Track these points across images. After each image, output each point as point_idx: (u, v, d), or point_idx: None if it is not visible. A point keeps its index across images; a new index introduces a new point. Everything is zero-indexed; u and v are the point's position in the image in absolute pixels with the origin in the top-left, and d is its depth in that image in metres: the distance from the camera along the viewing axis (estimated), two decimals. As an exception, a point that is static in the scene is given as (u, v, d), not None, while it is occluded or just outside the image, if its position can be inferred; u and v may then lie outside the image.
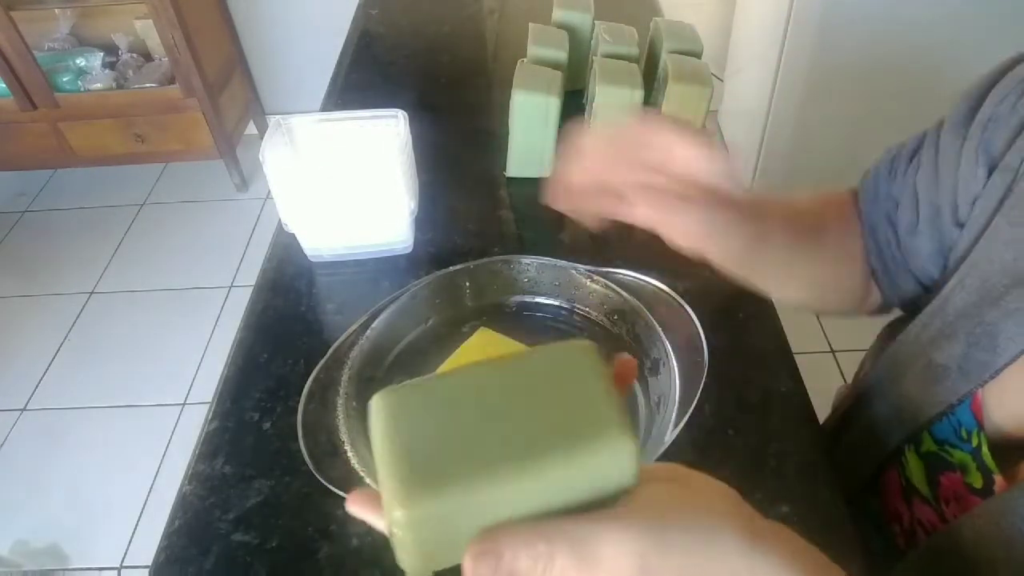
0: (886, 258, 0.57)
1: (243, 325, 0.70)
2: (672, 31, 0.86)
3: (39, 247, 2.28)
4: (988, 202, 0.47)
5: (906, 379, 0.51)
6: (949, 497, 0.48)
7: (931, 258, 0.53)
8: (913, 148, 0.55)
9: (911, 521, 0.53)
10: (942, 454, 0.48)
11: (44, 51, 2.17)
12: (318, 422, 0.53)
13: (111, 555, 1.53)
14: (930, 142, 0.53)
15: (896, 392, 0.52)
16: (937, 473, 0.49)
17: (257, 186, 2.41)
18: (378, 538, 0.52)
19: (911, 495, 0.52)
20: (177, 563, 0.53)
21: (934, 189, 0.52)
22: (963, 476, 0.46)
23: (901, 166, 0.56)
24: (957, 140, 0.50)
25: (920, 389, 0.49)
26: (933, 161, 0.52)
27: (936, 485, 0.49)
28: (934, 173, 0.52)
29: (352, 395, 0.54)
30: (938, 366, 0.47)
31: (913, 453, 0.51)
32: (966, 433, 0.46)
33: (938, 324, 0.49)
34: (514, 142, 0.83)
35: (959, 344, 0.46)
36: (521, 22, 0.95)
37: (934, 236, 0.52)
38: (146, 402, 1.81)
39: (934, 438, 0.49)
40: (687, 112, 0.80)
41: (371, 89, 1.05)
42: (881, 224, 0.56)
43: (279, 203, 0.72)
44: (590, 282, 0.62)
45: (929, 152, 0.53)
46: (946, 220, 0.51)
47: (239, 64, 2.39)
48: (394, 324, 0.60)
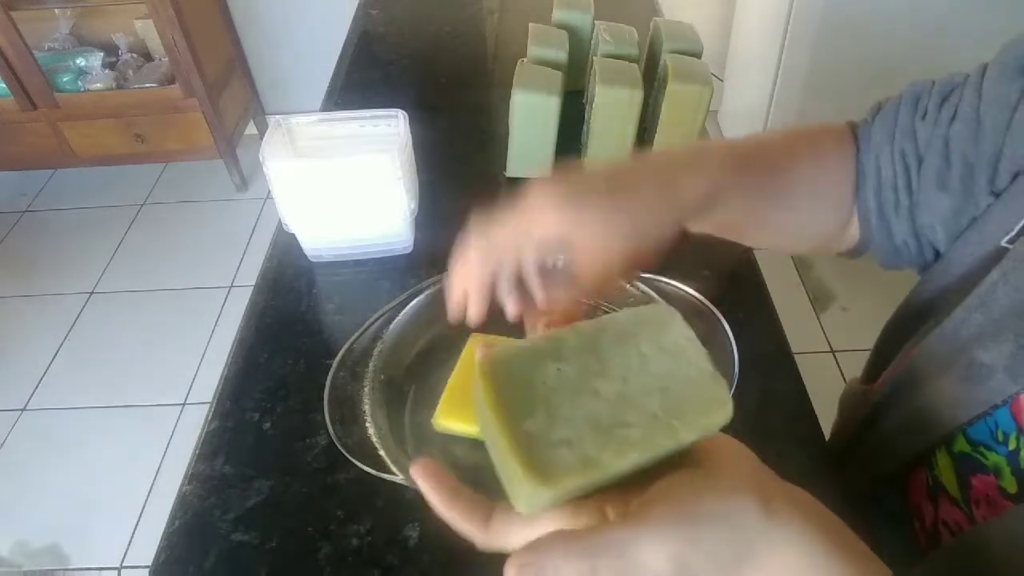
0: (883, 200, 0.52)
1: (243, 325, 0.70)
2: (672, 31, 0.86)
3: (39, 247, 2.28)
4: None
5: (943, 376, 0.48)
6: (980, 499, 0.46)
7: (944, 217, 0.49)
8: (945, 91, 0.50)
9: (935, 520, 0.51)
10: (976, 456, 0.46)
11: (44, 51, 2.17)
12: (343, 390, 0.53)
13: (111, 555, 1.53)
14: (971, 91, 0.48)
15: (931, 390, 0.49)
16: (969, 475, 0.47)
17: (257, 186, 2.41)
18: (378, 538, 0.53)
19: (938, 494, 0.50)
20: (177, 563, 0.53)
21: (971, 145, 0.47)
22: (997, 480, 0.44)
23: (930, 108, 0.50)
24: (1008, 97, 0.45)
25: (959, 389, 0.46)
26: (974, 114, 0.47)
27: (967, 487, 0.47)
28: (975, 127, 0.47)
29: (380, 368, 0.54)
30: (982, 366, 0.44)
31: (944, 452, 0.49)
32: (1003, 436, 0.44)
33: (980, 320, 0.45)
34: (514, 142, 0.83)
35: (1008, 344, 0.43)
36: (521, 22, 0.95)
37: (961, 196, 0.48)
38: (146, 402, 1.81)
39: (968, 439, 0.46)
40: (687, 112, 0.80)
41: (371, 89, 1.05)
42: (891, 163, 0.51)
43: (279, 203, 0.72)
44: (628, 286, 0.61)
45: (969, 101, 0.48)
46: (980, 184, 0.47)
47: (239, 64, 2.39)
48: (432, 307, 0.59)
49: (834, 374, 1.75)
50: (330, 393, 0.52)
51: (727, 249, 0.76)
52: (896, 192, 0.51)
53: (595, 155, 0.84)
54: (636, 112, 0.79)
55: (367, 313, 0.57)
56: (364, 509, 0.55)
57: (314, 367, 0.65)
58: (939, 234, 0.51)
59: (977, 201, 0.48)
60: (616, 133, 0.81)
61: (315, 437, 0.59)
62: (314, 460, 0.58)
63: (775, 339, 0.67)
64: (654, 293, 0.58)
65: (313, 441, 0.59)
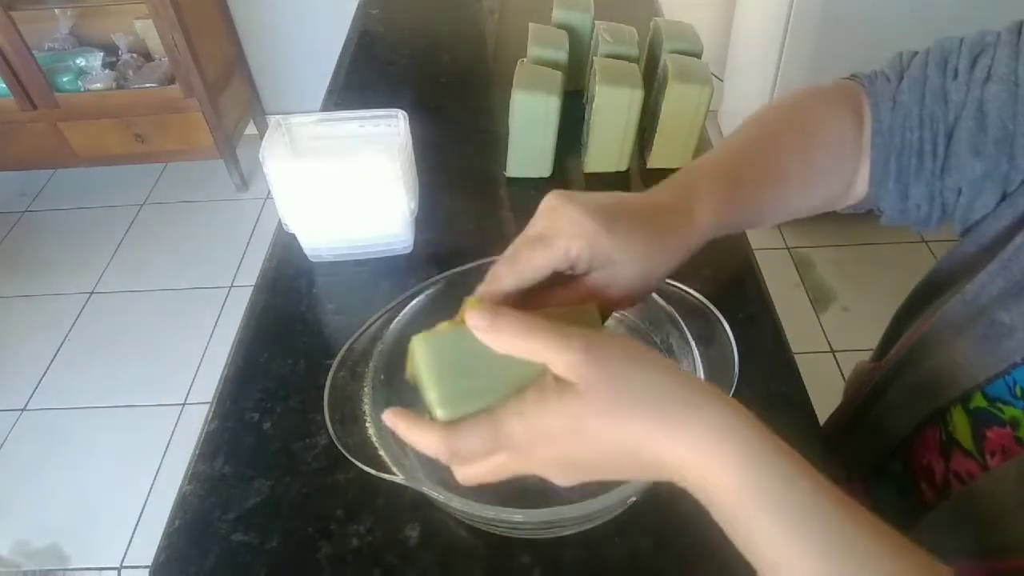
0: (905, 164, 0.51)
1: (243, 325, 0.70)
2: (672, 31, 0.86)
3: (39, 247, 2.28)
4: None
5: (963, 338, 0.48)
6: (995, 450, 0.47)
7: (973, 181, 0.48)
8: (975, 50, 0.49)
9: (945, 473, 0.51)
10: (992, 411, 0.47)
11: (44, 51, 2.17)
12: (343, 390, 0.52)
13: (111, 555, 1.53)
14: (1006, 50, 0.47)
15: (950, 351, 0.49)
16: (984, 428, 0.48)
17: (257, 186, 2.41)
18: (378, 538, 0.53)
19: (951, 449, 0.51)
20: (177, 563, 0.53)
21: (1010, 109, 0.46)
22: (1013, 431, 0.45)
23: (960, 68, 0.49)
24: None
25: (979, 348, 0.47)
26: (1012, 75, 0.46)
27: (982, 440, 0.48)
28: (1013, 89, 0.45)
29: (381, 368, 0.53)
30: (1002, 324, 0.45)
31: (960, 409, 0.49)
32: (1020, 391, 0.45)
33: (1002, 283, 0.46)
34: (514, 142, 0.83)
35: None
36: (521, 22, 0.95)
37: (995, 160, 0.47)
38: (146, 402, 1.81)
39: (986, 396, 0.47)
40: (687, 112, 0.80)
41: (371, 89, 1.05)
42: (918, 126, 0.50)
43: (279, 203, 0.72)
44: None
45: (1005, 62, 0.46)
46: (1019, 149, 0.46)
47: (239, 64, 2.39)
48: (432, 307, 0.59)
49: (834, 374, 1.75)
50: (330, 393, 0.52)
51: (727, 249, 0.76)
52: (921, 157, 0.51)
53: (595, 155, 0.84)
54: (636, 112, 0.79)
55: (367, 313, 0.57)
56: (364, 509, 0.55)
57: (314, 367, 0.65)
58: (962, 198, 0.50)
59: (1016, 163, 0.46)
60: (616, 133, 0.81)
61: (315, 437, 0.59)
62: (314, 460, 0.58)
63: (775, 339, 0.67)
64: (653, 293, 0.58)
65: (313, 441, 0.59)
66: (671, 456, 0.34)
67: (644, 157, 0.88)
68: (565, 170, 0.87)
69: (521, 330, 0.35)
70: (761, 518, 0.33)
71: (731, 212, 0.48)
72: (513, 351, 0.36)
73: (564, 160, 0.86)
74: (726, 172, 0.49)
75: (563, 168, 0.86)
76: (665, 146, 0.84)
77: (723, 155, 0.50)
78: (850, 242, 2.06)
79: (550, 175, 0.85)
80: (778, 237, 2.12)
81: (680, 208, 0.45)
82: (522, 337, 0.35)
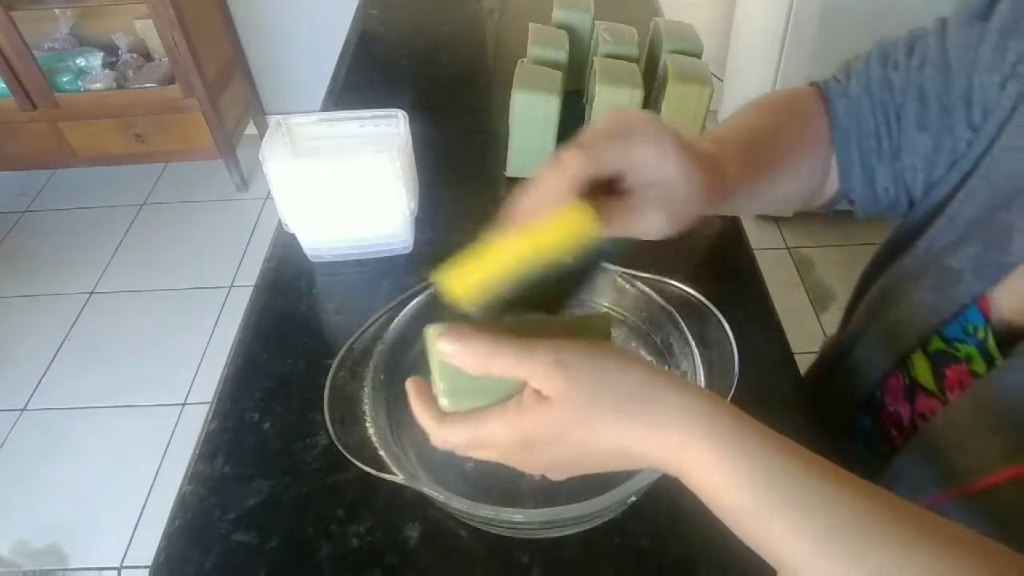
0: (866, 149, 0.56)
1: (243, 325, 0.70)
2: (672, 31, 0.86)
3: (39, 247, 2.28)
4: (999, 113, 0.48)
5: (918, 288, 0.52)
6: (954, 386, 0.50)
7: (926, 156, 0.54)
8: (910, 43, 0.55)
9: (912, 416, 0.55)
10: (950, 351, 0.51)
11: (44, 51, 2.17)
12: (343, 389, 0.52)
13: (111, 555, 1.53)
14: (935, 39, 0.52)
15: (907, 302, 0.54)
16: (943, 367, 0.51)
17: (257, 186, 2.41)
18: (378, 538, 0.53)
19: (915, 393, 0.54)
20: (177, 563, 0.53)
21: (946, 88, 0.51)
22: (968, 366, 0.49)
23: (900, 59, 0.54)
24: (970, 40, 0.49)
25: (933, 294, 0.51)
26: (942, 59, 0.51)
27: (942, 379, 0.51)
28: (944, 71, 0.51)
29: (381, 368, 0.53)
30: (952, 270, 0.49)
31: (920, 354, 0.53)
32: (972, 329, 0.49)
33: (949, 235, 0.51)
34: (514, 142, 0.83)
35: (972, 247, 0.48)
36: (521, 22, 0.95)
37: (939, 133, 0.52)
38: (146, 402, 1.81)
39: (943, 338, 0.51)
40: (687, 112, 0.80)
41: (371, 89, 1.05)
42: (871, 113, 0.55)
43: (279, 203, 0.72)
44: (629, 286, 0.61)
45: (936, 48, 0.52)
46: (958, 121, 0.51)
47: (239, 64, 2.39)
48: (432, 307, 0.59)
49: (834, 374, 1.74)
50: (330, 393, 0.52)
51: (727, 249, 0.76)
52: (879, 139, 0.55)
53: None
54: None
55: (367, 313, 0.57)
56: (364, 509, 0.55)
57: (314, 367, 0.65)
58: (919, 174, 0.55)
59: (956, 134, 0.52)
60: (616, 133, 0.81)
61: (315, 437, 0.59)
62: (314, 460, 0.58)
63: (775, 339, 0.67)
64: (654, 293, 0.58)
65: (313, 441, 0.59)
66: (647, 450, 0.36)
67: (644, 157, 0.88)
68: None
69: (488, 351, 0.36)
70: (741, 496, 0.34)
71: (739, 184, 0.50)
72: (486, 371, 0.37)
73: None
74: (741, 148, 0.51)
75: (563, 168, 0.86)
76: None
77: (732, 133, 0.53)
78: (850, 242, 2.06)
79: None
80: (778, 237, 2.12)
81: (718, 159, 0.47)
82: (490, 357, 0.36)
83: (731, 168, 0.48)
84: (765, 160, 0.53)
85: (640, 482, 0.45)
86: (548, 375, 0.35)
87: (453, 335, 0.37)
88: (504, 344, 0.36)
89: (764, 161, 0.53)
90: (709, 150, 0.47)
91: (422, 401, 0.40)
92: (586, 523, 0.50)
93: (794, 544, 0.32)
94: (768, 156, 0.54)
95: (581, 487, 0.44)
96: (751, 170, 0.51)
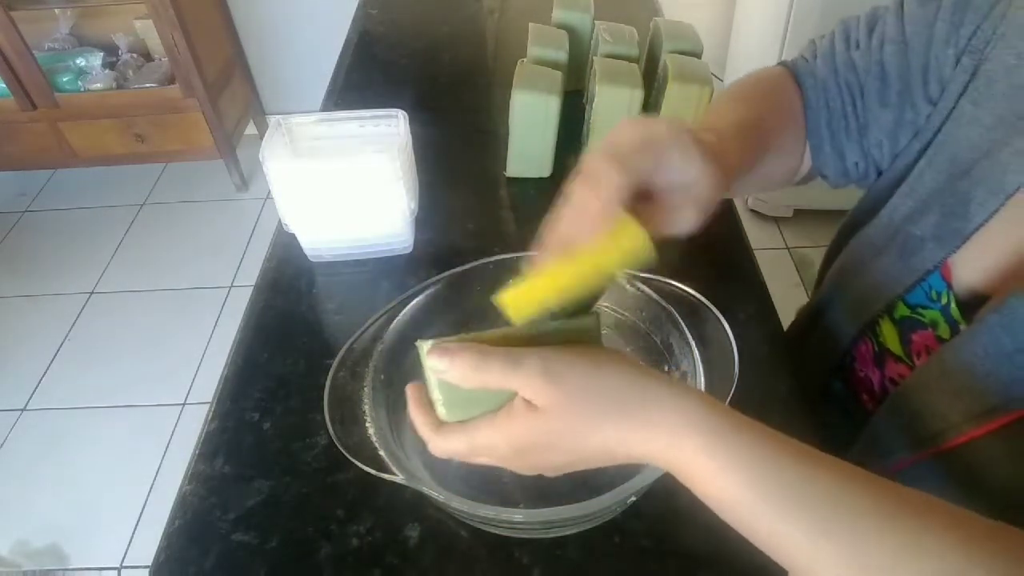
0: (835, 128, 0.59)
1: (243, 325, 0.70)
2: (672, 31, 0.86)
3: (39, 247, 2.28)
4: (955, 86, 0.51)
5: (882, 256, 0.55)
6: (920, 351, 0.53)
7: (890, 131, 0.56)
8: (871, 23, 0.57)
9: (882, 381, 0.57)
10: (915, 316, 0.53)
11: (44, 51, 2.16)
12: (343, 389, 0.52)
13: (111, 555, 1.53)
14: (893, 17, 0.55)
15: (872, 270, 0.56)
16: (910, 333, 0.54)
17: (257, 186, 2.41)
18: (378, 538, 0.53)
19: (884, 358, 0.57)
20: (177, 563, 0.53)
21: (904, 63, 0.54)
22: (934, 331, 0.52)
23: (861, 39, 0.57)
24: (927, 17, 0.52)
25: (897, 262, 0.53)
26: (900, 36, 0.54)
27: (909, 344, 0.54)
28: (903, 48, 0.54)
29: (381, 368, 0.53)
30: (914, 238, 0.52)
31: (887, 320, 0.56)
32: (936, 295, 0.51)
33: (911, 203, 0.53)
34: (514, 142, 0.83)
35: (933, 215, 0.50)
36: (521, 22, 0.95)
37: (900, 109, 0.55)
38: (146, 402, 1.81)
39: (907, 304, 0.54)
40: (687, 112, 0.80)
41: (371, 89, 1.05)
42: (838, 94, 0.58)
43: (279, 203, 0.72)
44: (629, 286, 0.61)
45: (894, 26, 0.54)
46: (917, 96, 0.54)
47: (239, 64, 2.39)
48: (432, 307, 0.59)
49: (834, 374, 1.74)
50: (330, 393, 0.52)
51: (727, 249, 0.76)
52: (846, 118, 0.58)
53: (595, 155, 0.84)
54: (636, 112, 0.79)
55: (367, 313, 0.57)
56: (364, 509, 0.55)
57: (314, 367, 0.65)
58: (885, 148, 0.58)
59: (917, 108, 0.54)
60: (616, 133, 0.81)
61: (315, 437, 0.59)
62: (314, 460, 0.58)
63: (775, 339, 0.67)
64: (654, 293, 0.58)
65: (313, 441, 0.59)
66: (640, 451, 0.37)
67: (644, 157, 0.88)
68: (565, 170, 0.87)
69: (476, 364, 0.37)
70: (736, 490, 0.34)
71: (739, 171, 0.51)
72: (476, 385, 0.38)
73: (564, 160, 0.85)
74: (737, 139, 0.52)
75: (563, 168, 0.86)
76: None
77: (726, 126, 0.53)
78: (850, 242, 2.06)
79: (550, 175, 0.85)
80: (778, 237, 2.12)
81: (722, 152, 0.48)
82: (479, 371, 0.37)
83: (732, 159, 0.50)
84: (756, 148, 0.55)
85: (640, 482, 0.45)
86: (537, 386, 0.36)
87: (441, 351, 0.38)
88: (492, 357, 0.37)
89: (756, 149, 0.55)
90: (715, 144, 0.48)
91: (420, 410, 0.41)
92: (586, 523, 0.50)
93: (786, 533, 0.33)
94: (758, 144, 0.56)
95: (581, 487, 0.44)
96: (747, 158, 0.53)
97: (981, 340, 0.44)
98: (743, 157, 0.52)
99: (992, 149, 0.47)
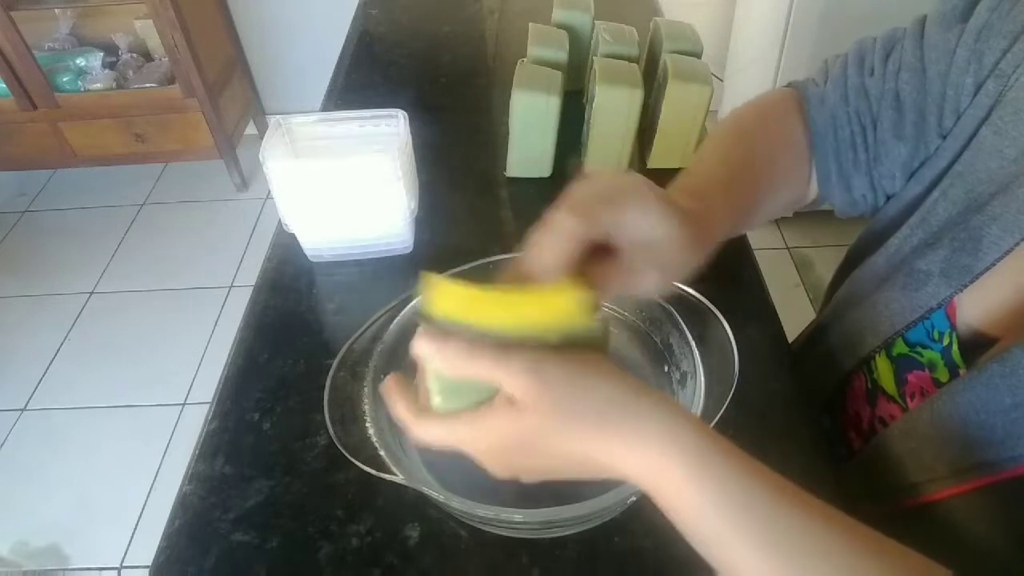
0: (843, 159, 0.56)
1: (243, 325, 0.70)
2: (672, 31, 0.86)
3: (39, 247, 2.28)
4: (976, 111, 0.47)
5: (886, 288, 0.52)
6: (915, 392, 0.51)
7: (902, 164, 0.53)
8: (887, 47, 0.54)
9: (871, 421, 0.55)
10: (913, 355, 0.51)
11: (44, 51, 2.17)
12: (343, 389, 0.52)
13: (111, 555, 1.53)
14: (912, 42, 0.52)
15: (874, 301, 0.54)
16: (906, 372, 0.51)
17: (257, 186, 2.41)
18: (378, 538, 0.53)
19: (876, 396, 0.55)
20: (177, 563, 0.53)
21: (921, 93, 0.51)
22: (931, 373, 0.49)
23: (876, 64, 0.54)
24: (948, 43, 0.49)
25: (901, 296, 0.50)
26: (919, 63, 0.51)
27: (903, 384, 0.52)
28: (921, 76, 0.51)
29: (381, 368, 0.53)
30: (920, 272, 0.49)
31: (884, 357, 0.53)
32: (938, 334, 0.49)
33: (921, 235, 0.50)
34: (514, 142, 0.83)
35: (943, 250, 0.47)
36: (521, 22, 0.95)
37: (915, 141, 0.52)
38: (146, 402, 1.81)
39: (907, 342, 0.51)
40: (687, 112, 0.80)
41: (371, 89, 1.05)
42: (847, 123, 0.55)
43: (279, 203, 0.72)
44: None
45: (912, 52, 0.51)
46: (931, 127, 0.51)
47: (239, 64, 2.39)
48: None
49: (834, 374, 1.75)
50: (330, 393, 0.52)
51: (727, 249, 0.76)
52: (855, 150, 0.55)
53: (595, 155, 0.84)
54: (636, 112, 0.79)
55: (367, 313, 0.57)
56: (364, 509, 0.55)
57: (314, 367, 0.65)
58: (897, 181, 0.55)
59: (928, 143, 0.52)
60: (616, 133, 0.81)
61: (315, 437, 0.59)
62: (314, 460, 0.58)
63: (775, 339, 0.67)
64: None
65: (313, 441, 0.59)
66: (619, 465, 0.36)
67: (644, 157, 0.88)
68: (565, 170, 0.87)
69: (466, 355, 0.36)
70: (713, 520, 0.34)
71: (726, 228, 0.50)
72: (463, 374, 0.37)
73: (564, 160, 0.85)
74: (722, 194, 0.50)
75: (563, 168, 0.86)
76: (665, 146, 0.84)
77: (710, 181, 0.52)
78: (850, 242, 2.06)
79: (550, 175, 0.85)
80: (778, 237, 2.12)
81: (703, 215, 0.46)
82: (467, 361, 0.36)
83: (716, 219, 0.47)
84: (752, 192, 0.53)
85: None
86: (521, 383, 0.35)
87: (431, 336, 0.37)
88: (482, 349, 0.36)
89: (746, 198, 0.53)
90: (694, 208, 0.45)
91: (399, 397, 0.40)
92: (586, 523, 0.50)
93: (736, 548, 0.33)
94: (754, 188, 0.54)
95: (580, 487, 0.44)
96: (736, 212, 0.51)
97: (979, 390, 0.42)
98: (735, 210, 0.50)
99: (1011, 184, 0.44)
